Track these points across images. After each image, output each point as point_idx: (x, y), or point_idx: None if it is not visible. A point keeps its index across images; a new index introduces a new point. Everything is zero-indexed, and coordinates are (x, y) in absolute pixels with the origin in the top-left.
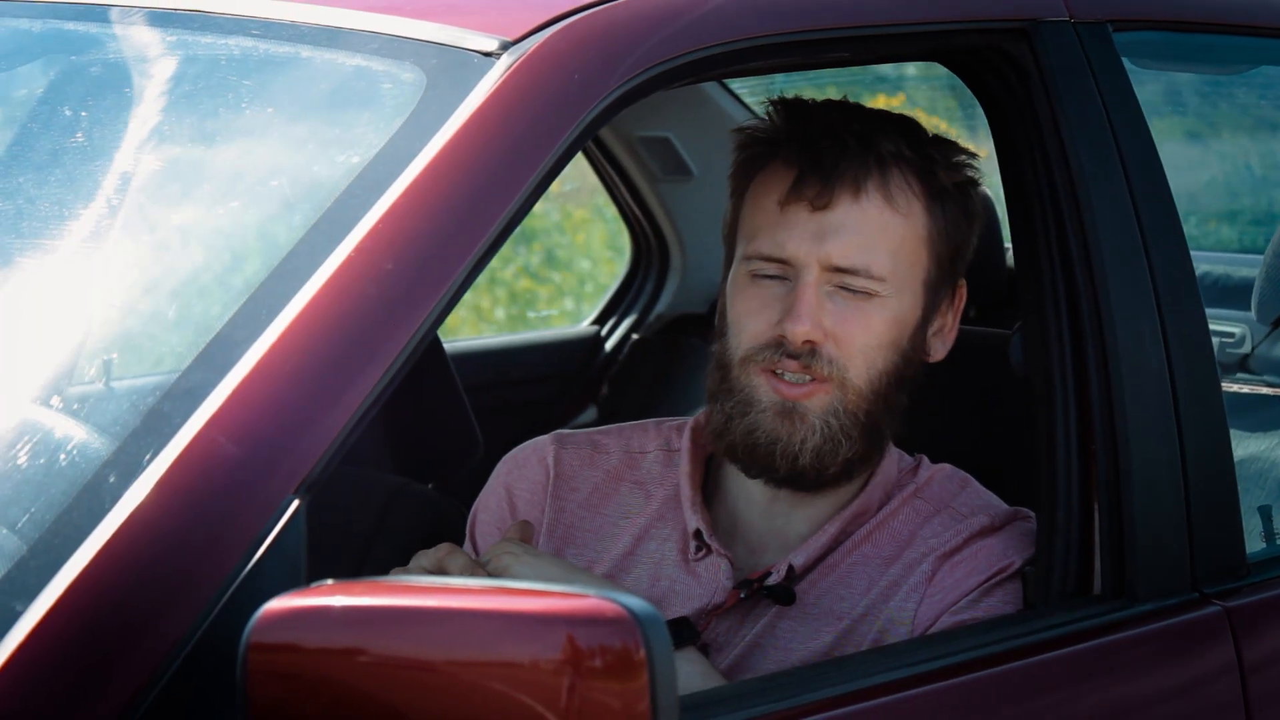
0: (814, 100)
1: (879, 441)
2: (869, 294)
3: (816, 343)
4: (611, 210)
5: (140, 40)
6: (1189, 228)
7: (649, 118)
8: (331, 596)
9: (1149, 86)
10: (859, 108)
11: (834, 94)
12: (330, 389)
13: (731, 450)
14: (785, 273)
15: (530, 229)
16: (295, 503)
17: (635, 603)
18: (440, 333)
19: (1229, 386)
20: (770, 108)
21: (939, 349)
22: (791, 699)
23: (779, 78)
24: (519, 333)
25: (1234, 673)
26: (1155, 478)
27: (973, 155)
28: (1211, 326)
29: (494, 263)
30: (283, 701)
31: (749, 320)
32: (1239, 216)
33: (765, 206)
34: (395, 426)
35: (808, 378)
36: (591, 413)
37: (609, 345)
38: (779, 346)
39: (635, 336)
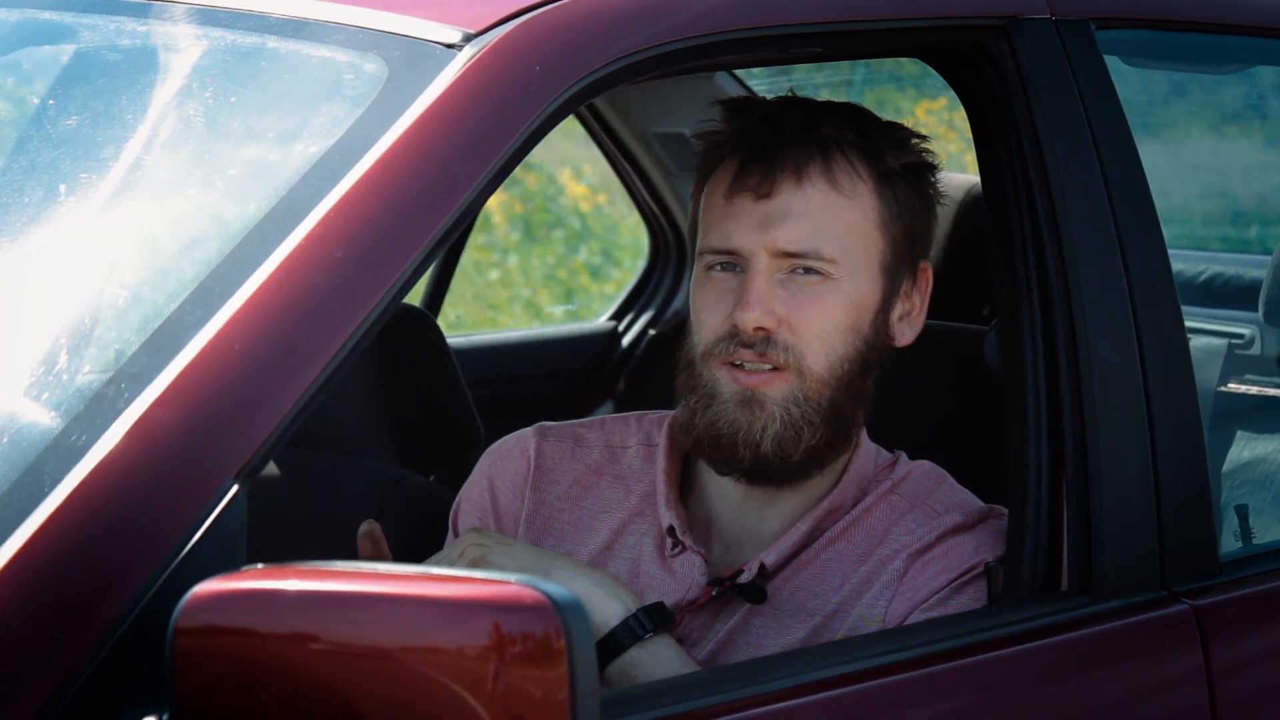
0: (762, 98)
1: (845, 429)
2: (822, 277)
3: (769, 330)
4: None
5: (106, 29)
6: (1195, 228)
7: (665, 114)
8: (261, 580)
9: (1161, 84)
10: (804, 100)
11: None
12: (274, 377)
13: (699, 445)
14: (737, 263)
15: (588, 227)
16: (234, 488)
17: (556, 590)
18: (477, 329)
19: (1237, 387)
20: (719, 108)
21: (906, 334)
22: (745, 689)
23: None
24: (536, 328)
25: (1201, 672)
26: (1125, 475)
27: (923, 138)
28: (1221, 328)
29: (551, 259)
30: (210, 684)
31: (706, 315)
32: (1250, 217)
33: (715, 202)
34: (396, 419)
35: (766, 366)
36: (608, 408)
37: (626, 341)
38: (734, 337)
39: (652, 332)
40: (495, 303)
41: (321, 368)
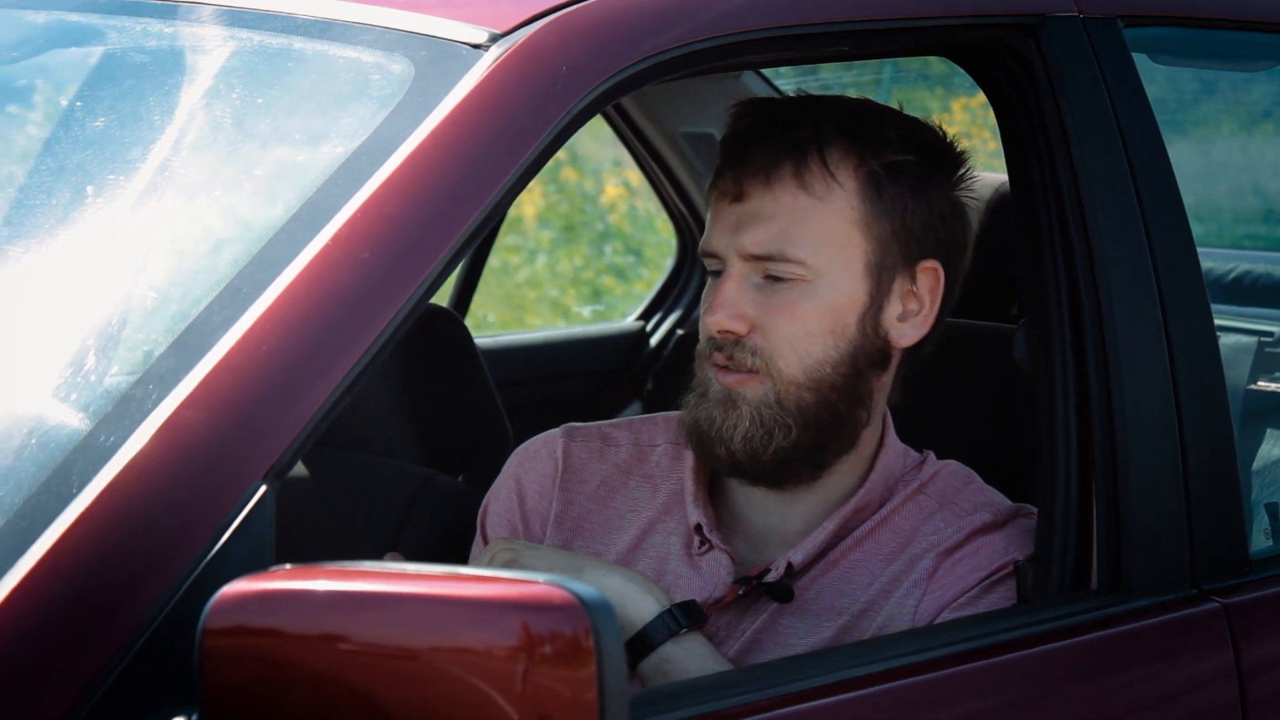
0: (769, 98)
1: (840, 430)
2: (795, 281)
3: (739, 334)
4: None
5: (134, 31)
6: (1224, 226)
7: (693, 114)
8: (288, 581)
9: (1188, 82)
10: (801, 99)
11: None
12: (302, 377)
13: (689, 440)
14: (719, 267)
15: (615, 227)
16: (263, 489)
17: (584, 590)
18: (506, 329)
19: (1268, 385)
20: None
21: (908, 334)
22: (773, 689)
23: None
24: (564, 327)
25: (1231, 670)
26: (1154, 473)
27: (937, 133)
28: (1251, 325)
29: (578, 261)
30: (239, 684)
31: (703, 316)
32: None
33: (711, 206)
34: (425, 419)
35: (744, 368)
36: (636, 408)
37: (654, 340)
38: (713, 340)
39: (680, 332)
40: (523, 303)
41: (349, 368)
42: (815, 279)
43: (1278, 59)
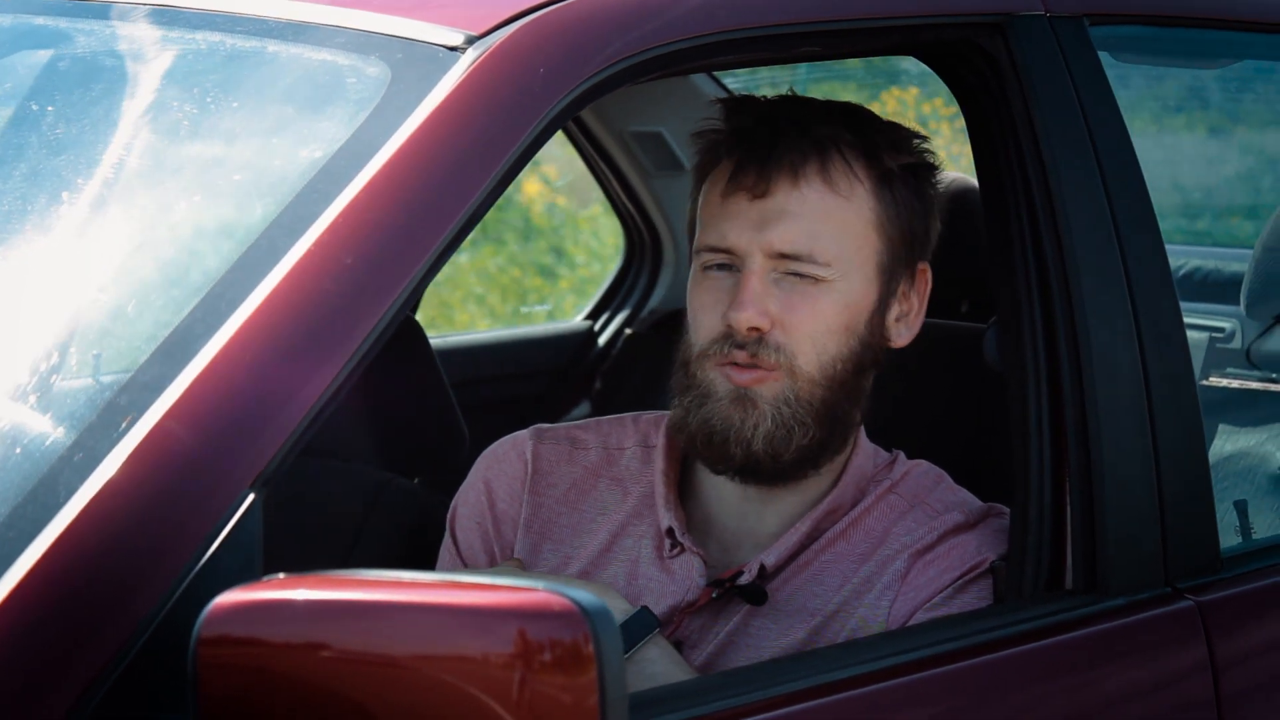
0: (762, 97)
1: (839, 429)
2: (816, 279)
3: (762, 330)
4: None
5: (106, 34)
6: (1184, 223)
7: (641, 113)
8: (283, 590)
9: (1141, 80)
10: (801, 99)
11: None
12: (287, 384)
13: (692, 443)
14: (733, 263)
15: (538, 227)
16: (251, 497)
17: (584, 596)
18: (434, 328)
19: (1219, 381)
20: (718, 107)
21: (903, 334)
22: (754, 693)
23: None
24: (511, 328)
25: (1206, 668)
26: (1127, 472)
27: (923, 138)
28: (1202, 321)
29: (502, 260)
30: (234, 694)
31: (703, 315)
32: (1231, 210)
33: (711, 200)
34: (381, 421)
35: (765, 365)
36: (585, 408)
37: (602, 340)
38: (729, 338)
39: (628, 331)
40: (449, 301)
41: (334, 373)
42: (836, 277)
43: (1237, 55)
